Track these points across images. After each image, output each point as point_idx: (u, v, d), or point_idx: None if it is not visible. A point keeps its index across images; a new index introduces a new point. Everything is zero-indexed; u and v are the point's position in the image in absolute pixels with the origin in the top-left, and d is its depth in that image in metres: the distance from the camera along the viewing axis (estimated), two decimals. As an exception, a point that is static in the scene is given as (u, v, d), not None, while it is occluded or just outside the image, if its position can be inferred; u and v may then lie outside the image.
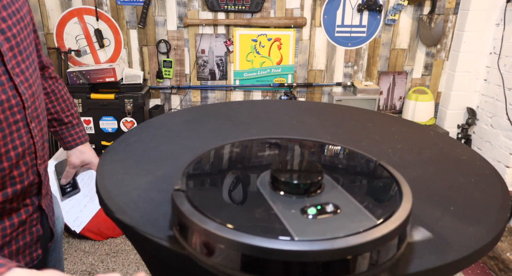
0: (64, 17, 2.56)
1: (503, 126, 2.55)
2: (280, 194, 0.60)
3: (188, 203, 0.56)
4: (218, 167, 0.74)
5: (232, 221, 0.53)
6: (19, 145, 0.76)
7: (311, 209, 0.56)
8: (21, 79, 0.75)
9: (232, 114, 1.27)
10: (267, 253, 0.48)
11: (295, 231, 0.51)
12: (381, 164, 0.73)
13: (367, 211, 0.57)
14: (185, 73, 2.76)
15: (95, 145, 2.56)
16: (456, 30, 2.74)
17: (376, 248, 0.51)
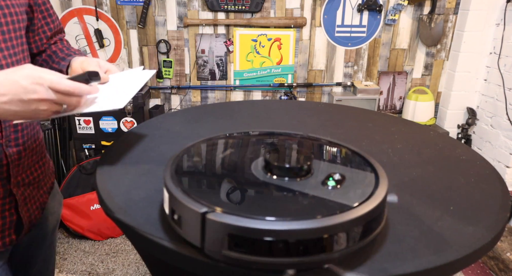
0: (64, 17, 2.56)
1: (503, 126, 2.55)
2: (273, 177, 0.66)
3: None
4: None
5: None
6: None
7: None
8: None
9: (232, 114, 1.27)
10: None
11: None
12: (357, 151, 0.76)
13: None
14: (185, 73, 2.76)
15: (95, 145, 2.56)
16: (456, 30, 2.74)
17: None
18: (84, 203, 2.37)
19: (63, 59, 0.96)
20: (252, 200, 0.61)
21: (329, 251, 0.54)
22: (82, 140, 2.54)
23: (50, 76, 0.65)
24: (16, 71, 0.64)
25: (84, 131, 2.52)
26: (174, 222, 0.60)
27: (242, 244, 0.53)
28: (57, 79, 0.65)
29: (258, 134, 0.85)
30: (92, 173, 2.48)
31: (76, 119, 2.49)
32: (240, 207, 0.58)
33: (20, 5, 0.84)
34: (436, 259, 0.61)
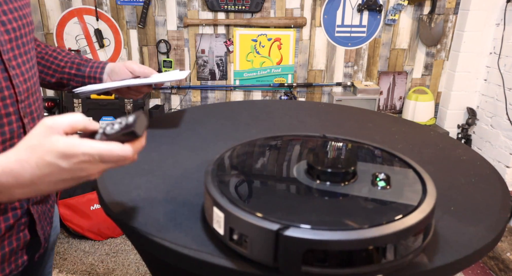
0: (64, 17, 2.56)
1: (503, 126, 2.55)
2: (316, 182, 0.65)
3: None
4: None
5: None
6: (10, 140, 0.71)
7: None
8: (17, 72, 0.72)
9: (232, 114, 1.27)
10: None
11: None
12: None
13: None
14: (185, 73, 2.76)
15: (95, 145, 2.56)
16: (456, 30, 2.74)
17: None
18: (84, 203, 2.37)
19: (99, 68, 0.99)
20: (317, 210, 0.58)
21: (408, 251, 0.55)
22: (82, 140, 2.54)
23: (96, 150, 0.52)
24: (44, 146, 0.52)
25: (84, 131, 2.52)
26: (233, 241, 0.56)
27: (324, 257, 0.52)
28: (106, 151, 0.53)
29: (297, 138, 0.84)
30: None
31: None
32: (312, 219, 0.55)
33: (25, 5, 0.80)
34: (436, 259, 0.61)
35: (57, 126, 0.52)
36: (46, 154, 0.52)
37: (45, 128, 0.52)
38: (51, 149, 0.52)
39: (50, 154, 0.52)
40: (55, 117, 0.53)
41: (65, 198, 2.41)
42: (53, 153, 0.52)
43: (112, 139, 0.54)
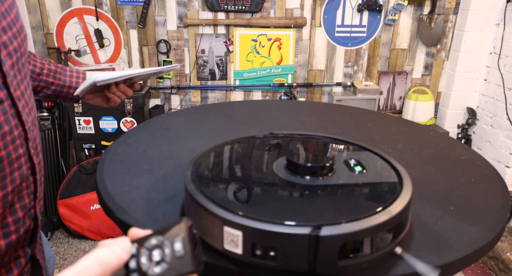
0: (64, 17, 2.56)
1: (503, 126, 2.55)
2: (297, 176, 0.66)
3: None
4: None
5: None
6: (19, 185, 0.61)
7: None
8: (22, 104, 0.62)
9: (232, 114, 1.27)
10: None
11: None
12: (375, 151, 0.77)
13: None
14: (185, 73, 2.76)
15: (95, 145, 2.56)
16: (456, 30, 2.74)
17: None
18: (84, 203, 2.37)
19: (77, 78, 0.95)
20: (321, 205, 0.60)
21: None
22: (82, 140, 2.54)
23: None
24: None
25: (84, 131, 2.52)
26: (257, 257, 0.54)
27: (356, 248, 0.53)
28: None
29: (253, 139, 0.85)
30: (92, 173, 2.48)
31: (76, 119, 2.49)
32: (332, 215, 0.56)
33: (17, 15, 0.69)
34: (436, 259, 0.61)
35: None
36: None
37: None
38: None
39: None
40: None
41: (65, 198, 2.41)
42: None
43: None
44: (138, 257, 0.38)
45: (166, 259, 0.37)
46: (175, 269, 0.37)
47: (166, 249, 0.38)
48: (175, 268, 0.37)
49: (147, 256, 0.38)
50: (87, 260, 0.37)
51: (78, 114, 2.48)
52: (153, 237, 0.39)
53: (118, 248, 0.39)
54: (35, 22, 2.55)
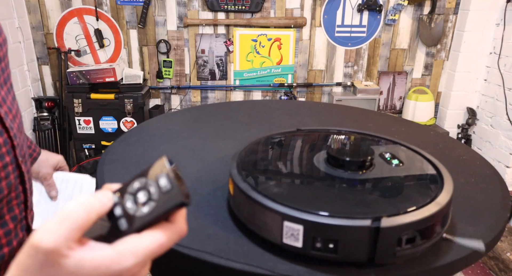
0: (64, 17, 2.56)
1: (503, 126, 2.55)
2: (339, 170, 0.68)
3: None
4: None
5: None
6: (7, 195, 0.57)
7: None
8: (5, 110, 0.58)
9: (232, 114, 1.27)
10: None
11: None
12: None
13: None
14: (185, 73, 2.76)
15: (95, 145, 2.56)
16: (456, 30, 2.74)
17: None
18: (84, 203, 2.37)
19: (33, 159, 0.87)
20: (371, 197, 0.63)
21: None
22: (82, 140, 2.54)
23: (142, 254, 0.35)
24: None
25: (84, 131, 2.52)
26: (317, 250, 0.57)
27: (413, 237, 0.56)
28: (157, 248, 0.36)
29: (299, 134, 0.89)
30: (92, 173, 2.48)
31: (76, 119, 2.49)
32: (387, 206, 0.60)
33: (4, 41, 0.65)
34: (436, 259, 0.61)
35: (60, 244, 0.33)
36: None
37: (43, 255, 0.32)
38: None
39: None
40: (46, 231, 0.33)
41: (65, 198, 2.41)
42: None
43: (149, 223, 0.36)
44: (123, 203, 0.36)
45: (153, 197, 0.36)
46: (164, 205, 0.35)
47: (151, 188, 0.36)
48: (164, 203, 0.35)
49: (132, 200, 0.36)
50: (70, 204, 0.34)
51: (78, 114, 2.48)
52: (134, 181, 0.37)
53: (100, 195, 0.36)
54: (35, 22, 2.55)
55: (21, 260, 0.33)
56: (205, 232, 0.67)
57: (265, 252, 0.62)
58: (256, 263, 0.59)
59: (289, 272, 0.58)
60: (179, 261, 0.63)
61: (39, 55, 2.62)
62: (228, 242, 0.64)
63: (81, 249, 0.34)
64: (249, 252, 0.62)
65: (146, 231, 0.36)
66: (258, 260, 0.60)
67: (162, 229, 0.36)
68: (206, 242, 0.64)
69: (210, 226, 0.69)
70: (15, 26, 2.39)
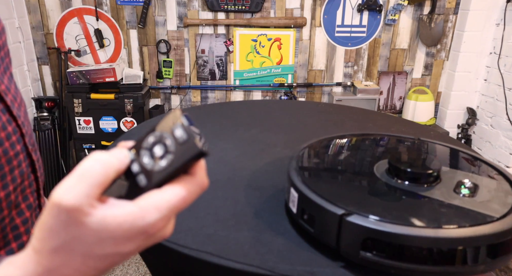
0: (64, 17, 2.56)
1: (503, 126, 2.55)
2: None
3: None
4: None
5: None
6: (21, 184, 0.58)
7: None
8: (10, 99, 0.58)
9: (232, 114, 1.27)
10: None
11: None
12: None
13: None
14: (185, 73, 2.76)
15: (95, 145, 2.56)
16: (456, 30, 2.74)
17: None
18: (84, 203, 2.37)
19: None
20: (383, 203, 0.62)
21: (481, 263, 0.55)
22: (82, 140, 2.55)
23: (166, 209, 0.34)
24: (84, 240, 0.33)
25: (84, 131, 2.52)
26: (303, 220, 0.63)
27: (383, 248, 0.55)
28: (180, 201, 0.35)
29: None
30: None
31: (76, 119, 2.49)
32: (375, 210, 0.59)
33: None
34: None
35: (81, 202, 0.32)
36: (93, 248, 0.33)
37: (66, 213, 0.32)
38: (98, 239, 0.33)
39: (100, 246, 0.33)
40: (66, 188, 0.32)
41: (65, 198, 2.41)
42: (105, 243, 0.33)
43: (169, 176, 0.35)
44: (139, 159, 0.35)
45: (170, 150, 0.34)
46: (182, 156, 0.34)
47: (167, 141, 0.35)
48: (182, 154, 0.34)
49: (148, 155, 0.35)
50: (86, 162, 0.33)
51: (78, 114, 2.48)
52: (148, 136, 0.36)
53: (116, 152, 0.35)
54: (35, 22, 2.55)
55: (44, 221, 0.33)
56: (205, 232, 0.67)
57: (266, 253, 0.62)
58: (257, 263, 0.59)
59: (289, 272, 0.58)
60: (179, 261, 0.64)
61: (39, 55, 2.63)
62: (228, 242, 0.64)
63: (103, 207, 0.33)
64: (250, 252, 0.62)
65: (167, 185, 0.35)
66: (259, 260, 0.60)
67: (183, 182, 0.35)
68: (206, 242, 0.64)
69: (210, 226, 0.69)
70: (15, 26, 2.39)
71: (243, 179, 0.84)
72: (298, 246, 0.64)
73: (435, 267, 0.53)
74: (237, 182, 0.83)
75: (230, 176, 0.84)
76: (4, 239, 0.55)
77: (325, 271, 0.58)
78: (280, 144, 1.04)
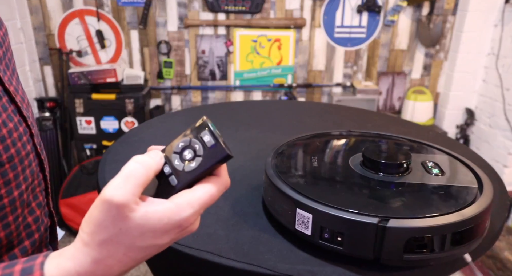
0: (66, 18, 2.57)
1: (501, 127, 2.57)
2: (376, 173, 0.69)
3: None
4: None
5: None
6: (31, 183, 0.60)
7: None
8: (19, 100, 0.59)
9: (232, 114, 1.28)
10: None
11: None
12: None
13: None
14: (186, 73, 2.77)
15: (96, 145, 2.57)
16: (455, 31, 2.75)
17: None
18: (85, 203, 2.38)
19: None
20: (394, 200, 0.63)
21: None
22: (83, 140, 2.56)
23: (198, 205, 0.40)
24: (129, 233, 0.38)
25: (85, 131, 2.53)
26: (324, 240, 0.59)
27: (423, 244, 0.55)
28: (209, 199, 0.41)
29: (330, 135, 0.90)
30: (93, 173, 2.49)
31: (77, 119, 2.51)
32: (404, 210, 0.59)
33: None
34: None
35: (129, 199, 0.37)
36: (136, 241, 0.38)
37: (115, 209, 0.36)
38: (141, 232, 0.38)
39: (142, 239, 0.38)
40: (115, 187, 0.37)
41: (67, 197, 2.42)
42: (146, 235, 0.38)
43: (198, 177, 0.39)
44: (170, 162, 0.40)
45: (199, 153, 0.39)
46: (210, 159, 0.39)
47: (196, 145, 0.39)
48: (210, 157, 0.39)
49: (178, 158, 0.40)
50: (130, 164, 0.38)
51: (80, 114, 2.49)
52: (178, 141, 0.40)
53: (153, 154, 0.40)
54: (37, 23, 2.57)
55: (93, 216, 0.37)
56: (206, 231, 0.68)
57: (266, 252, 0.63)
58: (257, 262, 0.60)
59: (289, 272, 0.59)
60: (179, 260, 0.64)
61: (41, 56, 2.64)
62: (228, 241, 0.65)
63: (144, 204, 0.38)
64: (250, 251, 0.63)
65: (197, 184, 0.40)
66: (259, 260, 0.61)
67: (211, 182, 0.40)
68: (206, 241, 0.65)
69: (210, 225, 0.70)
70: (17, 27, 2.40)
71: (243, 178, 0.85)
72: (298, 245, 0.65)
73: (472, 243, 0.59)
74: (237, 182, 0.84)
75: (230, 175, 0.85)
76: (18, 237, 0.57)
77: (325, 270, 0.59)
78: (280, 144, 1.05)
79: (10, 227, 0.55)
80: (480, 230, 0.60)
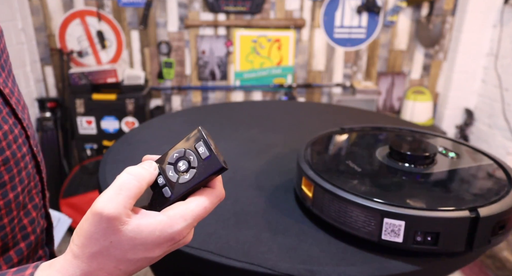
0: (67, 18, 2.58)
1: (500, 127, 2.57)
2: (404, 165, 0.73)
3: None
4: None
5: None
6: (27, 185, 0.60)
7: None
8: (15, 102, 0.59)
9: (233, 114, 1.29)
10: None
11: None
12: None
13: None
14: (186, 74, 2.78)
15: (97, 145, 2.58)
16: (454, 32, 2.76)
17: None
18: (86, 202, 2.39)
19: None
20: (443, 189, 0.67)
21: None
22: (84, 140, 2.57)
23: (191, 218, 0.39)
24: (120, 246, 0.37)
25: (86, 131, 2.54)
26: (417, 243, 0.60)
27: (503, 225, 0.59)
28: (202, 212, 0.40)
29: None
30: (94, 173, 2.50)
31: (78, 119, 2.52)
32: (472, 196, 0.64)
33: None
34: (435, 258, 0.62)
35: (120, 212, 0.36)
36: (127, 254, 0.37)
37: (106, 222, 0.36)
38: (132, 245, 0.37)
39: (133, 251, 0.37)
40: (107, 199, 0.36)
41: (67, 197, 2.43)
42: (138, 248, 0.37)
43: (192, 189, 0.39)
44: (164, 172, 0.39)
45: (193, 165, 0.38)
46: (205, 171, 0.38)
47: (191, 157, 0.38)
48: (205, 169, 0.38)
49: (172, 170, 0.39)
50: (122, 176, 0.38)
51: (80, 114, 2.50)
52: (172, 151, 0.40)
53: (146, 165, 0.40)
54: (38, 23, 2.58)
55: (84, 228, 0.37)
56: (206, 231, 0.69)
57: (266, 251, 0.63)
58: (257, 262, 0.61)
59: (289, 271, 0.59)
60: (180, 260, 0.65)
61: (42, 57, 2.65)
62: (229, 241, 0.66)
63: (136, 216, 0.38)
64: (250, 251, 0.64)
65: (191, 197, 0.39)
66: (259, 259, 0.62)
67: (204, 194, 0.39)
68: (207, 241, 0.66)
69: (211, 225, 0.71)
70: (18, 27, 2.41)
71: (243, 178, 0.86)
72: (298, 245, 0.65)
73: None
74: (237, 182, 0.85)
75: (230, 175, 0.86)
76: (13, 239, 0.57)
77: (324, 270, 0.60)
78: (280, 144, 1.06)
79: (5, 229, 0.55)
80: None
